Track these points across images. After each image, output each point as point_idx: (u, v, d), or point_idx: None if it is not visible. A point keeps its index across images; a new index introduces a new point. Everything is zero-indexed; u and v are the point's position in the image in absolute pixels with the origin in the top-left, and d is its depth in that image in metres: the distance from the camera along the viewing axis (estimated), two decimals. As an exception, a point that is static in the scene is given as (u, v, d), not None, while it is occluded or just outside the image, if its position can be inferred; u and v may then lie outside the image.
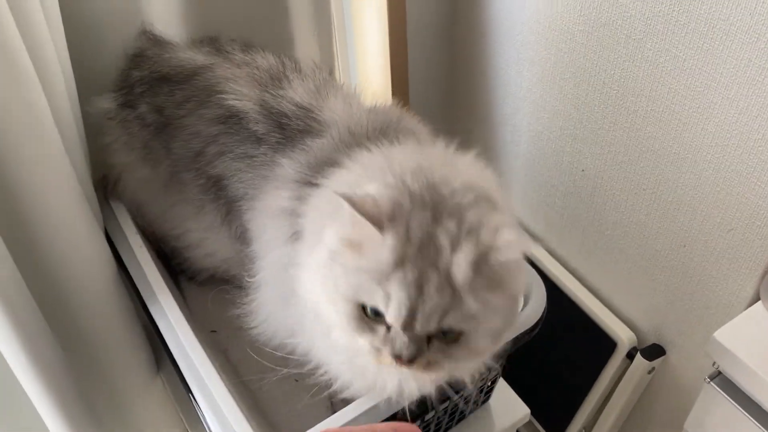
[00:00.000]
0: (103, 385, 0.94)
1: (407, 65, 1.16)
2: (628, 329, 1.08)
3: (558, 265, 1.17)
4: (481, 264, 0.54)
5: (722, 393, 0.84)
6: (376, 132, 0.71)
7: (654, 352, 1.05)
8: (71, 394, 0.82)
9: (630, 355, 1.07)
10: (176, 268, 0.99)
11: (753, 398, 0.81)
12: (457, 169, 0.61)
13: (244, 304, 0.78)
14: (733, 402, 0.83)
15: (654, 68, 0.85)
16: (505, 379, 0.95)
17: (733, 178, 0.81)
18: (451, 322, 0.54)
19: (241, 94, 0.79)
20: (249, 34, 0.94)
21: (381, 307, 0.54)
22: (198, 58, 0.85)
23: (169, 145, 0.83)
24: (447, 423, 0.89)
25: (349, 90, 0.82)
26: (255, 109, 0.77)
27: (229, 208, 0.80)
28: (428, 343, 0.56)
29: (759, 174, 0.78)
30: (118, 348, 0.92)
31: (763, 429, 0.80)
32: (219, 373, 0.76)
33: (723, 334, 0.81)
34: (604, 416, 1.15)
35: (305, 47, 1.09)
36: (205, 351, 0.78)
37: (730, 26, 0.74)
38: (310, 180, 0.68)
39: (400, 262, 0.53)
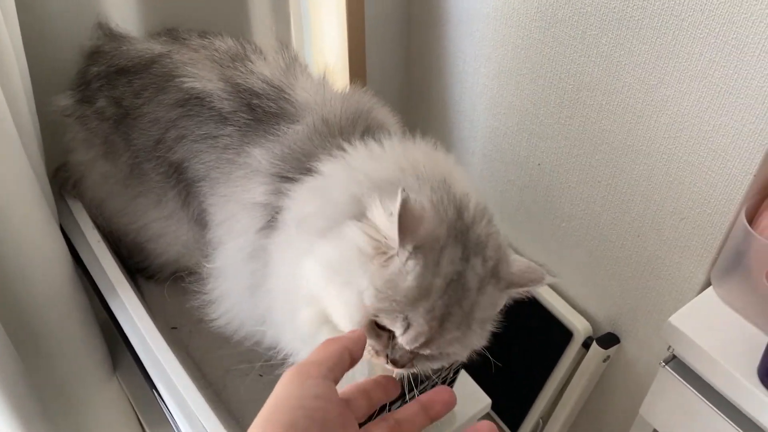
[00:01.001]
0: (58, 385, 0.91)
1: (365, 61, 1.16)
2: (583, 319, 1.10)
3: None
4: (499, 301, 0.58)
5: (676, 376, 0.87)
6: (348, 122, 0.71)
7: (609, 340, 1.08)
8: (23, 394, 0.79)
9: (586, 345, 1.10)
10: (134, 268, 0.97)
11: (705, 380, 0.84)
12: (463, 183, 0.63)
13: (205, 293, 0.77)
14: (686, 384, 0.86)
15: (609, 63, 0.88)
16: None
17: (684, 169, 0.84)
18: (453, 350, 0.57)
19: (199, 76, 0.78)
20: (206, 25, 0.93)
21: (397, 332, 0.54)
22: (155, 47, 0.84)
23: (129, 137, 0.82)
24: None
25: (317, 72, 0.82)
26: (220, 87, 0.76)
27: (189, 189, 0.79)
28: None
29: (709, 164, 0.81)
30: (73, 347, 0.89)
31: (715, 409, 0.83)
32: (184, 369, 0.75)
33: (677, 319, 0.84)
34: (560, 405, 1.18)
35: (262, 40, 1.08)
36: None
37: (681, 22, 0.77)
38: (286, 175, 0.67)
39: (426, 293, 0.53)
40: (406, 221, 0.52)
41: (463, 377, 0.98)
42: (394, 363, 0.56)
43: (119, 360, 1.00)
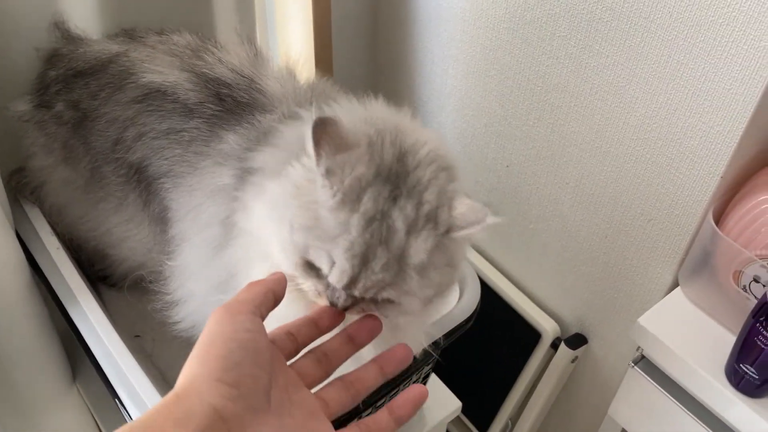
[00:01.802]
0: (14, 396, 0.88)
1: (332, 61, 1.15)
2: (552, 320, 1.11)
3: (482, 259, 1.19)
4: (438, 246, 0.55)
5: (645, 376, 0.87)
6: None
7: (577, 341, 1.08)
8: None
9: (554, 345, 1.10)
10: (97, 276, 0.94)
11: (674, 379, 0.85)
12: (424, 135, 0.61)
13: (168, 294, 0.74)
14: (655, 384, 0.86)
15: (577, 65, 0.88)
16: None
17: (653, 170, 0.85)
18: (388, 295, 0.55)
19: (158, 70, 0.75)
20: (170, 24, 0.91)
21: (325, 270, 0.54)
22: (112, 47, 0.81)
23: (88, 140, 0.79)
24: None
25: (282, 62, 0.80)
26: (184, 78, 0.74)
27: (149, 189, 0.76)
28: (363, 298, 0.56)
29: (677, 165, 0.82)
30: (30, 357, 0.86)
31: (683, 408, 0.84)
32: (147, 378, 0.72)
33: (646, 320, 0.85)
34: (529, 406, 1.18)
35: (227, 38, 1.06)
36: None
37: (650, 24, 0.78)
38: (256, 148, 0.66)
39: (344, 229, 0.53)
40: (320, 134, 0.52)
41: (433, 380, 0.98)
42: (333, 305, 0.55)
43: (79, 369, 0.97)
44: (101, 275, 0.93)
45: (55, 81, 0.82)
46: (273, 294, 0.51)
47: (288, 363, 0.51)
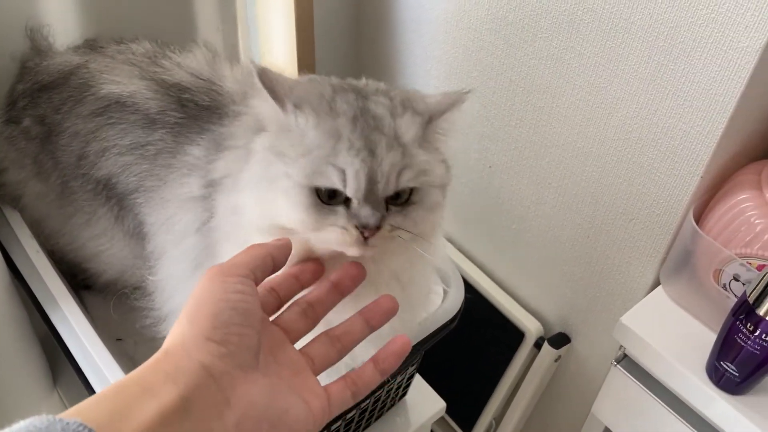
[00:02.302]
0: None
1: (314, 62, 1.15)
2: (535, 320, 1.11)
3: (466, 259, 1.19)
4: (423, 127, 0.55)
5: (627, 375, 0.88)
6: None
7: (560, 340, 1.09)
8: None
9: (537, 345, 1.10)
10: (80, 285, 0.93)
11: (656, 378, 0.86)
12: None
13: (155, 310, 0.73)
14: (637, 382, 0.87)
15: (559, 65, 0.88)
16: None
17: (634, 170, 0.86)
18: (408, 177, 0.54)
19: (115, 81, 0.75)
20: (151, 29, 0.90)
21: (339, 186, 0.52)
22: (74, 59, 0.81)
23: (55, 155, 0.78)
24: (366, 420, 0.88)
25: (243, 63, 0.80)
26: (144, 86, 0.73)
27: (121, 204, 0.75)
28: (387, 210, 0.54)
29: (659, 165, 0.83)
30: (10, 362, 0.85)
31: (665, 406, 0.85)
32: (130, 381, 0.72)
33: (628, 319, 0.86)
34: (513, 406, 1.18)
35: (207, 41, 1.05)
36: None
37: (630, 25, 0.78)
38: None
39: (336, 135, 0.52)
40: (268, 79, 0.53)
41: (418, 381, 0.98)
42: (365, 227, 0.52)
43: (60, 373, 0.96)
44: (85, 285, 0.92)
45: (22, 95, 0.81)
46: (272, 259, 0.50)
47: (273, 317, 0.51)
